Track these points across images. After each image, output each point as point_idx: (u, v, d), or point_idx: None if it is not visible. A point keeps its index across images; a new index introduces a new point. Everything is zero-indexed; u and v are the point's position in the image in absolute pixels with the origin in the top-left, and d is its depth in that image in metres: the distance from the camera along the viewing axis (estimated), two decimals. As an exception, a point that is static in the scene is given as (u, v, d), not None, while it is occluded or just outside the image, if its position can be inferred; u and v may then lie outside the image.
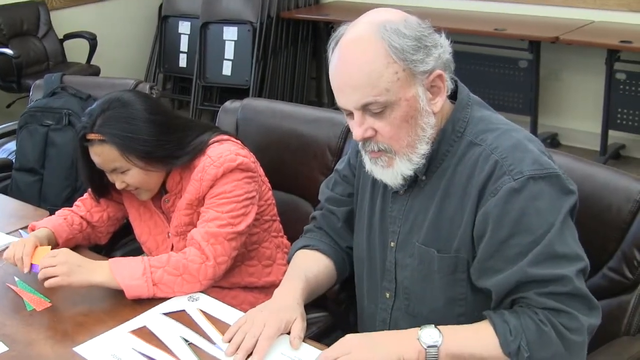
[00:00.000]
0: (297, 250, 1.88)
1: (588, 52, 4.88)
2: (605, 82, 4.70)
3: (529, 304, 1.47)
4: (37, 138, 2.86)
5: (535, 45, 4.82)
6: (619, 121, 4.73)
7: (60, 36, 5.69)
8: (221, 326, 1.68)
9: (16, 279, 1.92)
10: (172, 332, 1.68)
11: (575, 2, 5.06)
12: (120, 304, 1.79)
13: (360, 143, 1.57)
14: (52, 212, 2.21)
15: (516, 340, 1.44)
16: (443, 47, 1.53)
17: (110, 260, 1.85)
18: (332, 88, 1.54)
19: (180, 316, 1.75)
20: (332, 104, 6.09)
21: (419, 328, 1.49)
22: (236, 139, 2.10)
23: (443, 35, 1.56)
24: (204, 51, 5.86)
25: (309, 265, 1.82)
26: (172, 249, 2.06)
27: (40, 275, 1.80)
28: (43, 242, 1.96)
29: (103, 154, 1.93)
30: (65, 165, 2.83)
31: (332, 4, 6.21)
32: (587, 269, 1.50)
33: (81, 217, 2.15)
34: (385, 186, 1.68)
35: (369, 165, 1.60)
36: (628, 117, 4.70)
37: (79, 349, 1.64)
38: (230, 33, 5.82)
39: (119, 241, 2.50)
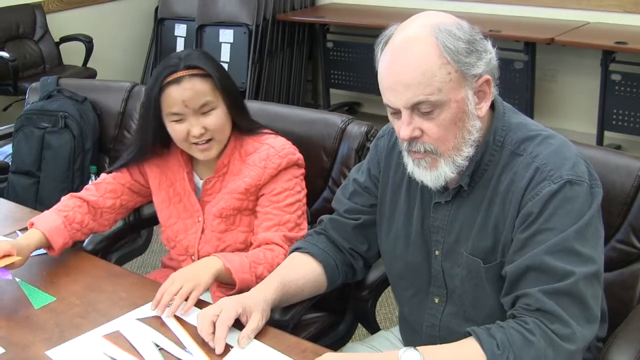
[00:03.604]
0: (291, 252, 1.90)
1: (583, 53, 4.90)
2: (600, 83, 4.71)
3: (526, 308, 1.48)
4: (34, 141, 2.87)
5: (530, 47, 4.83)
6: (614, 122, 4.73)
7: (57, 39, 5.69)
8: (193, 330, 1.68)
9: (17, 279, 1.92)
10: (144, 338, 1.68)
11: (570, 4, 5.07)
12: (96, 309, 1.79)
13: (405, 144, 1.57)
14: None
15: (504, 354, 1.43)
16: (492, 54, 1.55)
17: (218, 255, 1.89)
18: (382, 86, 1.54)
19: (153, 322, 1.74)
20: (328, 106, 6.11)
21: (401, 350, 1.47)
22: None
23: (489, 42, 1.57)
24: (200, 54, 5.85)
25: (294, 268, 1.84)
26: (202, 233, 2.07)
27: (173, 311, 1.74)
28: (26, 250, 1.90)
29: (195, 88, 1.93)
30: (62, 168, 2.84)
31: (328, 6, 6.21)
32: (599, 275, 1.52)
33: (89, 203, 2.10)
34: (423, 196, 1.70)
35: (411, 166, 1.60)
36: (623, 118, 4.70)
37: (51, 353, 1.63)
38: (226, 35, 5.82)
39: (115, 243, 2.51)
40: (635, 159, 1.84)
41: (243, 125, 2.05)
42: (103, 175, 2.17)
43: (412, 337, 1.80)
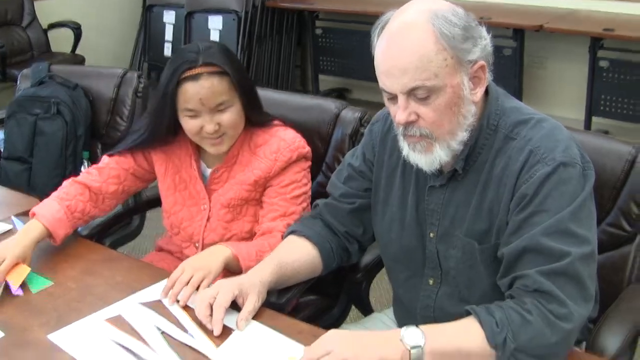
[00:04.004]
0: (287, 236, 1.92)
1: (572, 40, 4.93)
2: (588, 70, 4.75)
3: (524, 289, 1.50)
4: (26, 127, 2.86)
5: (519, 33, 4.86)
6: (602, 108, 4.78)
7: (45, 26, 5.67)
8: (194, 313, 1.69)
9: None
10: (146, 321, 1.69)
11: (559, -9, 5.11)
12: (95, 292, 1.80)
13: (400, 128, 1.59)
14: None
15: (502, 332, 1.45)
16: (486, 40, 1.58)
17: (225, 243, 1.93)
18: (378, 71, 1.56)
19: (155, 305, 1.75)
20: (316, 92, 6.12)
21: (403, 328, 1.49)
22: None
23: (484, 28, 1.59)
24: (189, 40, 5.85)
25: (290, 251, 1.86)
26: (208, 221, 2.08)
27: (185, 300, 1.74)
28: (30, 249, 1.89)
29: (212, 87, 1.91)
30: (55, 154, 2.83)
31: (316, -8, 6.22)
32: (594, 255, 1.55)
33: (91, 189, 2.08)
34: (417, 180, 1.72)
35: (406, 150, 1.62)
36: (611, 104, 4.75)
37: (52, 337, 1.63)
38: (215, 22, 5.82)
39: (110, 228, 2.52)
40: (625, 144, 1.88)
41: (256, 120, 2.05)
42: (105, 158, 2.15)
43: (407, 319, 1.81)
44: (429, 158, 1.60)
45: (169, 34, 6.14)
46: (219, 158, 2.07)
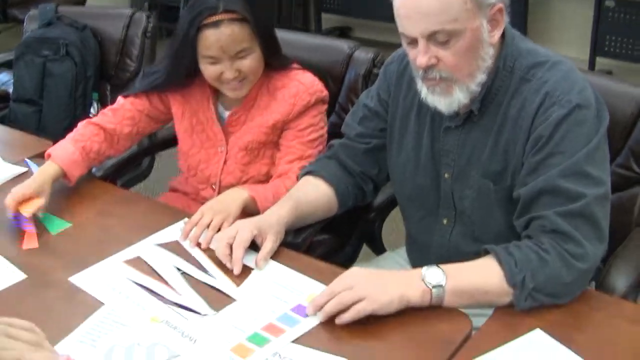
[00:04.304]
0: (302, 176, 1.94)
1: (578, -21, 4.89)
2: (594, 9, 4.71)
3: (541, 229, 1.53)
4: (35, 69, 2.85)
5: (524, -29, 4.82)
6: (606, 48, 4.75)
7: (43, -35, 5.58)
8: (213, 254, 1.72)
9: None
10: (165, 262, 1.71)
11: None
12: (112, 234, 1.81)
13: (420, 71, 1.60)
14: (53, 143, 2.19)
15: (522, 272, 1.48)
16: None
17: (244, 187, 1.97)
18: (397, 15, 1.57)
19: (173, 246, 1.77)
20: (318, 31, 6.07)
21: (424, 268, 1.52)
22: None
23: None
24: (189, -21, 5.77)
25: (307, 191, 1.88)
26: (225, 164, 2.10)
27: (207, 244, 1.76)
28: (46, 187, 1.90)
29: (234, 33, 1.90)
30: (64, 96, 2.83)
31: None
32: (608, 196, 1.57)
33: (106, 130, 2.09)
34: (432, 121, 1.74)
35: (425, 92, 1.63)
36: (616, 45, 4.72)
37: (74, 279, 1.65)
38: (216, -41, 5.72)
39: (121, 170, 2.54)
40: (635, 86, 1.89)
41: (276, 64, 2.05)
42: (120, 99, 2.15)
43: (421, 258, 1.85)
44: (448, 100, 1.61)
45: (168, -28, 6.05)
46: (237, 101, 2.07)
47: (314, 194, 1.88)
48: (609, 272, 1.74)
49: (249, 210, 1.89)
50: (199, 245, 1.76)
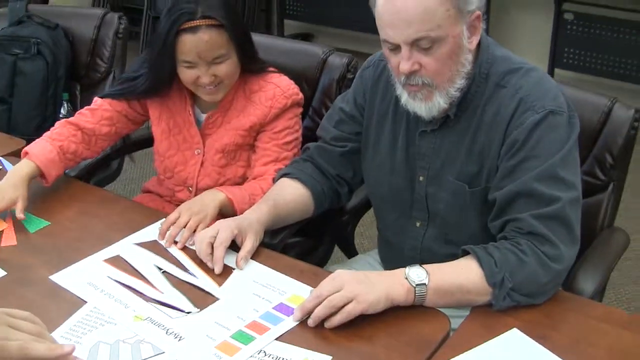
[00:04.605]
0: (279, 178, 1.97)
1: (537, -9, 4.99)
2: (553, 22, 4.83)
3: (517, 231, 1.59)
4: (5, 67, 2.83)
5: (486, -17, 4.89)
6: (565, 60, 4.87)
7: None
8: (193, 254, 1.74)
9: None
10: (145, 261, 1.73)
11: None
12: (91, 233, 1.81)
13: (402, 77, 1.63)
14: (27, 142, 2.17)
15: (501, 272, 1.53)
16: None
17: (220, 188, 1.97)
18: (381, 22, 1.60)
19: (152, 246, 1.79)
20: (281, 37, 6.08)
21: (407, 267, 1.56)
22: None
23: None
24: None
25: (284, 193, 1.91)
26: (202, 166, 2.11)
27: (183, 243, 1.79)
28: (22, 188, 1.89)
29: (211, 39, 1.92)
30: (35, 94, 2.82)
31: None
32: (580, 200, 1.64)
33: (84, 130, 2.09)
34: (408, 124, 1.78)
35: (405, 98, 1.68)
36: (574, 57, 4.84)
37: (54, 277, 1.66)
38: (180, -37, 5.71)
39: (95, 171, 2.54)
40: (601, 96, 1.96)
41: (252, 68, 2.07)
42: (97, 100, 2.15)
43: (393, 259, 1.89)
44: (428, 105, 1.66)
45: (129, -26, 6.03)
46: (214, 104, 2.09)
47: (291, 196, 1.91)
48: (577, 276, 1.78)
49: (225, 212, 1.91)
50: (176, 244, 1.78)
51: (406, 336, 1.49)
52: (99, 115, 2.12)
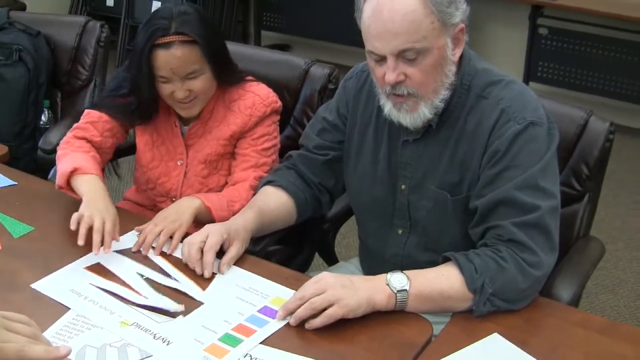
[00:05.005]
0: (262, 186, 1.99)
1: (512, 6, 5.06)
2: (528, 36, 4.93)
3: (498, 238, 1.62)
4: (-15, 73, 2.83)
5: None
6: (539, 74, 4.97)
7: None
8: (174, 260, 1.77)
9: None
10: (126, 269, 1.74)
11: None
12: (75, 239, 1.79)
13: (387, 88, 1.66)
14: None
15: (481, 278, 1.57)
16: (465, 4, 1.67)
17: (197, 195, 1.98)
18: (367, 34, 1.63)
19: (132, 253, 1.80)
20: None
21: (389, 274, 1.59)
22: None
23: None
24: (130, -10, 5.77)
25: (268, 200, 1.93)
26: (185, 177, 2.12)
27: (159, 249, 1.80)
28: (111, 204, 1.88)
29: (184, 56, 1.93)
30: (16, 101, 2.81)
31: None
32: (559, 209, 1.68)
33: (93, 144, 2.07)
34: (390, 134, 1.81)
35: (389, 109, 1.71)
36: (548, 71, 4.94)
37: (36, 285, 1.66)
38: (158, -27, 5.73)
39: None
40: (578, 108, 2.01)
41: (228, 81, 2.08)
42: (93, 112, 2.11)
43: (374, 267, 1.91)
44: (413, 116, 1.69)
45: (109, -19, 6.02)
46: (194, 115, 2.10)
47: (275, 203, 1.93)
48: (554, 284, 1.82)
49: (201, 219, 1.92)
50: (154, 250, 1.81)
51: (390, 340, 1.51)
52: (101, 127, 2.10)
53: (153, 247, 1.81)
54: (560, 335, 1.55)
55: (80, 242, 1.74)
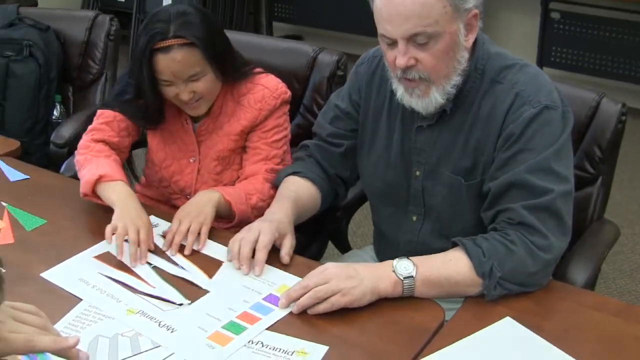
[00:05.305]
0: (287, 176, 1.98)
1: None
2: (540, 21, 4.88)
3: (508, 221, 1.61)
4: (-3, 69, 2.84)
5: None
6: (552, 59, 4.92)
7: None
8: (181, 249, 1.77)
9: (4, 204, 1.95)
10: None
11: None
12: (86, 231, 1.82)
13: (398, 72, 1.66)
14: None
15: (489, 262, 1.57)
16: None
17: (214, 189, 1.97)
18: (379, 17, 1.62)
19: None
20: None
21: (395, 260, 1.60)
22: None
23: None
24: (142, -14, 5.77)
25: (299, 191, 1.93)
26: (198, 173, 2.11)
27: (189, 249, 1.79)
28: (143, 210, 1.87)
29: (184, 59, 1.90)
30: (27, 96, 2.81)
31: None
32: (572, 193, 1.67)
33: (111, 146, 2.06)
34: (403, 120, 1.80)
35: (401, 93, 1.70)
36: (561, 55, 4.90)
37: (46, 275, 1.68)
38: (169, -34, 5.73)
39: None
40: (589, 91, 1.99)
41: (234, 77, 2.05)
42: (107, 112, 2.09)
43: (389, 254, 1.88)
44: (425, 101, 1.68)
45: (120, -24, 6.03)
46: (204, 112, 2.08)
47: (306, 194, 1.93)
48: (568, 267, 1.82)
49: (221, 213, 1.92)
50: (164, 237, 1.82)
51: (401, 326, 1.51)
52: (117, 126, 2.09)
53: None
54: (574, 318, 1.54)
55: (120, 256, 1.74)
